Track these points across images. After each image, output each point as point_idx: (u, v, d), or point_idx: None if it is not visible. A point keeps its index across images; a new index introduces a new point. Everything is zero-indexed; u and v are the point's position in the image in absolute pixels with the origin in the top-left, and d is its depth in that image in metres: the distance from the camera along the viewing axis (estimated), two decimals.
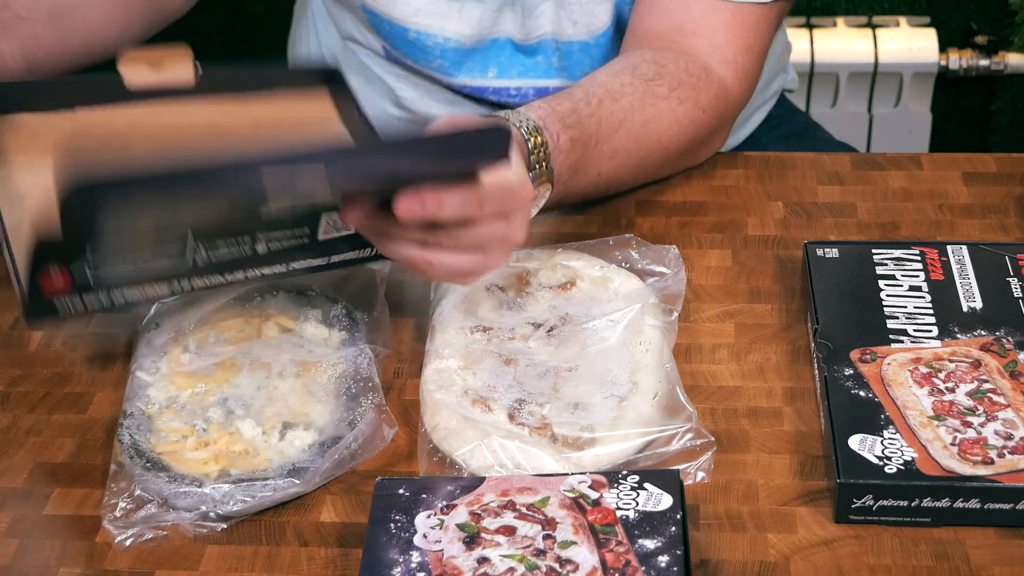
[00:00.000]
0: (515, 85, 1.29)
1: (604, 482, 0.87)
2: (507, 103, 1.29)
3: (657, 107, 1.13)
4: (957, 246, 1.06)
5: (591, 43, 1.27)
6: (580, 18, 1.25)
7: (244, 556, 0.89)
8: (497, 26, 1.27)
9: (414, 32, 1.27)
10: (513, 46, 1.28)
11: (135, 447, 0.93)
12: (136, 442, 0.94)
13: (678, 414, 0.95)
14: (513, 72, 1.29)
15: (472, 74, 1.29)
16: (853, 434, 0.91)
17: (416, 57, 1.29)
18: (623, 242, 1.09)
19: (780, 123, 1.43)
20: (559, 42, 1.27)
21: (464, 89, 1.30)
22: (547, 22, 1.26)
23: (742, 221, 1.16)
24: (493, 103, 1.31)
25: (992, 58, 2.14)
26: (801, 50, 2.11)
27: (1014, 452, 0.89)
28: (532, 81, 1.29)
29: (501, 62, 1.29)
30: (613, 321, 1.00)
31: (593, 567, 0.81)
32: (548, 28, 1.26)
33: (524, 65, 1.29)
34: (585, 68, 1.26)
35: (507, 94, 1.30)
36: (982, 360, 0.96)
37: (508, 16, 1.26)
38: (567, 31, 1.26)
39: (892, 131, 2.18)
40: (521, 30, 1.27)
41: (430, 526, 0.85)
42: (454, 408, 0.95)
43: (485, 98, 1.30)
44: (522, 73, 1.29)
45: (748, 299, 1.08)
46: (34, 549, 0.91)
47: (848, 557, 0.87)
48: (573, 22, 1.26)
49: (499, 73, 1.29)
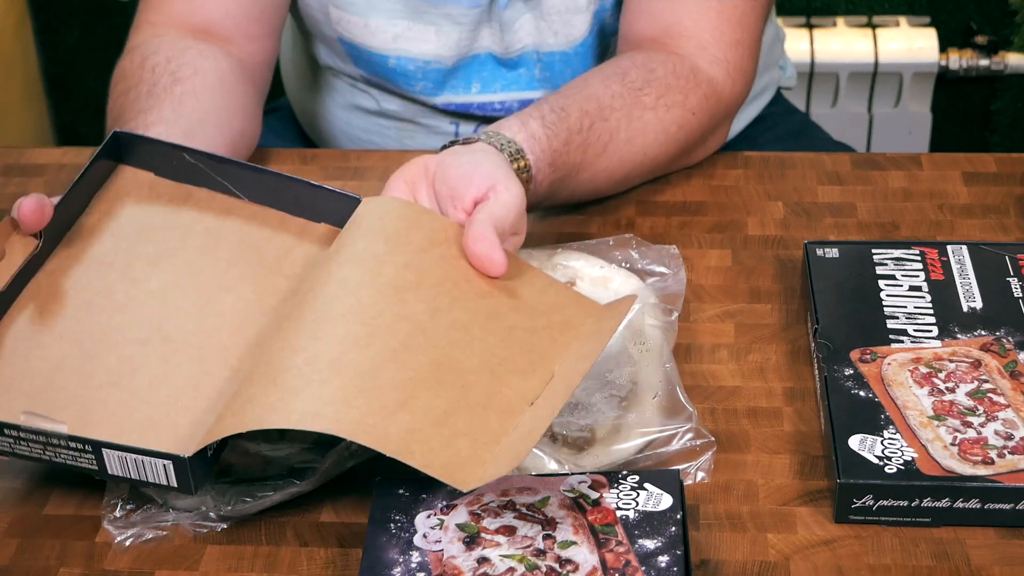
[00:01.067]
0: (499, 99, 1.29)
1: (604, 482, 0.87)
2: (492, 117, 1.29)
3: (643, 119, 1.13)
4: (957, 246, 1.06)
5: (570, 53, 1.27)
6: (560, 28, 1.25)
7: (244, 556, 0.89)
8: (477, 43, 1.26)
9: (394, 59, 1.27)
10: (495, 60, 1.28)
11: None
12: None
13: (678, 414, 0.95)
14: (496, 86, 1.29)
15: (456, 91, 1.29)
16: (853, 434, 0.91)
17: (398, 83, 1.29)
18: (623, 242, 1.09)
19: (777, 122, 1.43)
20: (540, 53, 1.27)
21: (448, 107, 1.30)
22: (526, 35, 1.26)
23: (742, 221, 1.16)
24: (478, 118, 1.31)
25: (992, 58, 2.14)
26: (801, 50, 2.11)
27: (1014, 452, 0.89)
28: (516, 94, 1.29)
29: (484, 77, 1.29)
30: None
31: (593, 567, 0.81)
32: (528, 40, 1.26)
33: (506, 79, 1.29)
34: (567, 78, 1.25)
35: (491, 108, 1.30)
36: (982, 360, 0.96)
37: (486, 32, 1.26)
38: (548, 41, 1.26)
39: (892, 131, 2.18)
40: (501, 44, 1.26)
41: (430, 526, 0.85)
42: None
43: (470, 113, 1.30)
44: (505, 87, 1.29)
45: (748, 299, 1.08)
46: (34, 549, 0.91)
47: (848, 557, 0.87)
48: (553, 33, 1.26)
49: (482, 88, 1.29)
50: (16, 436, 0.87)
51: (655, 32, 1.19)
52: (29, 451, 0.87)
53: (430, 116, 1.33)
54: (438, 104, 1.30)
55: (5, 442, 0.87)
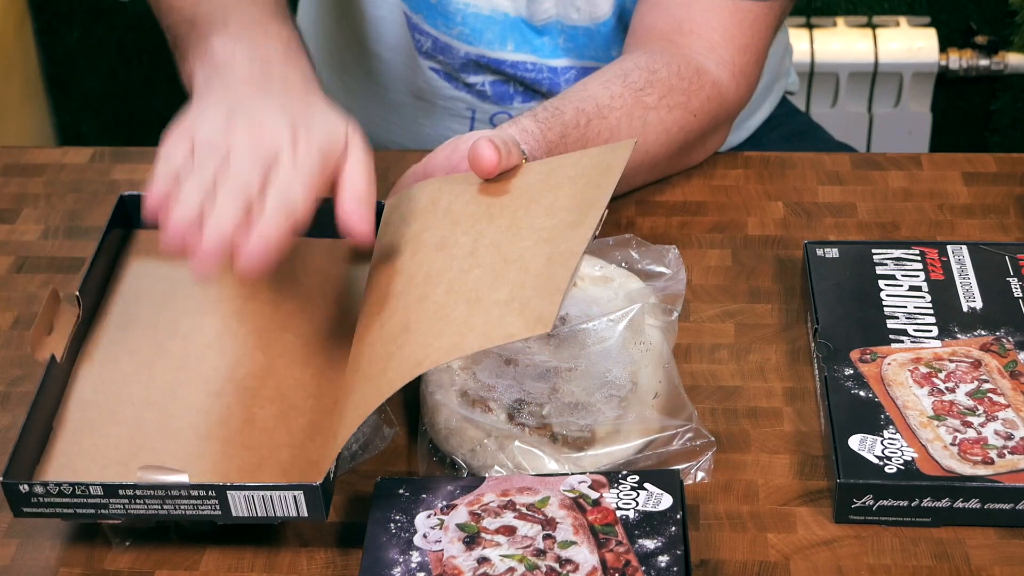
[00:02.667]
0: (531, 60, 1.30)
1: (604, 482, 0.87)
2: (523, 77, 1.31)
3: (645, 119, 1.14)
4: (957, 246, 1.06)
5: (593, 30, 1.28)
6: (583, 5, 1.26)
7: (244, 556, 0.89)
8: (507, 2, 1.28)
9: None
10: (524, 24, 1.29)
11: None
12: None
13: (678, 414, 0.95)
14: (527, 48, 1.30)
15: (492, 46, 1.29)
16: (853, 434, 0.91)
17: (436, 23, 1.29)
18: (623, 242, 1.08)
19: (781, 123, 1.43)
20: (564, 25, 1.28)
21: (482, 60, 1.30)
22: (551, 5, 1.27)
23: (742, 221, 1.16)
24: (510, 77, 1.31)
25: (992, 58, 2.14)
26: (801, 50, 2.11)
27: (1014, 452, 0.89)
28: (543, 60, 1.30)
29: (516, 38, 1.29)
30: (613, 321, 1.00)
31: (593, 567, 0.81)
32: (553, 11, 1.28)
33: (534, 44, 1.30)
34: (590, 52, 1.28)
35: (524, 68, 1.30)
36: (982, 360, 0.96)
37: None
38: (571, 15, 1.28)
39: (892, 131, 2.18)
40: (527, 10, 1.28)
41: (430, 526, 0.85)
42: (454, 408, 0.95)
43: (503, 71, 1.31)
44: (534, 51, 1.30)
45: (748, 299, 1.08)
46: (34, 549, 0.91)
47: (848, 557, 0.87)
48: (576, 8, 1.27)
49: (516, 47, 1.30)
50: (132, 496, 0.85)
51: (666, 27, 1.19)
52: (146, 508, 0.85)
53: (450, 94, 1.33)
54: (472, 55, 1.30)
55: (118, 505, 0.85)
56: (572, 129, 1.08)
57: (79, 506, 0.85)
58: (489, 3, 1.28)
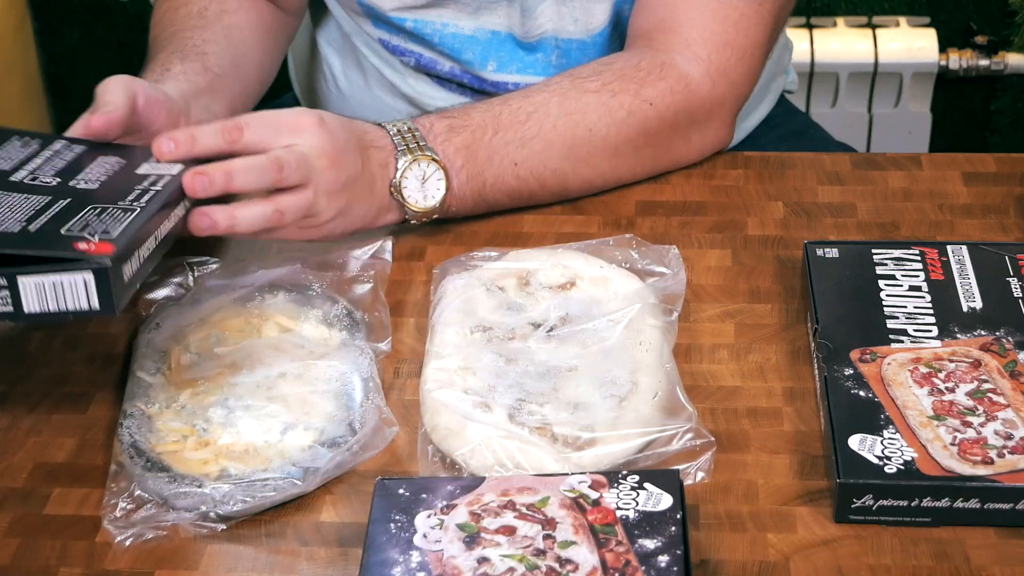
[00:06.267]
0: (514, 80, 1.29)
1: (604, 482, 0.87)
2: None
3: (583, 99, 1.15)
4: (957, 246, 1.06)
5: (588, 42, 1.27)
6: (580, 16, 1.26)
7: (244, 556, 0.89)
8: (495, 19, 1.27)
9: (411, 22, 1.27)
10: (514, 41, 1.28)
11: (135, 447, 0.93)
12: (136, 442, 0.94)
13: (678, 414, 0.95)
14: (512, 67, 1.29)
15: (471, 65, 1.29)
16: (853, 434, 0.91)
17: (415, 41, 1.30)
18: (623, 242, 1.09)
19: (780, 123, 1.43)
20: (559, 40, 1.27)
21: (463, 78, 1.30)
22: (547, 20, 1.26)
23: (742, 221, 1.16)
24: (491, 95, 1.31)
25: (992, 58, 2.14)
26: (801, 50, 2.11)
27: (1014, 452, 0.89)
28: (531, 77, 1.29)
29: (501, 57, 1.29)
30: (613, 321, 1.01)
31: (593, 567, 0.81)
32: (549, 26, 1.27)
33: (523, 61, 1.29)
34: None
35: (505, 88, 1.30)
36: (982, 360, 0.96)
37: (504, 12, 1.26)
38: (567, 28, 1.27)
39: (892, 131, 2.18)
40: (521, 28, 1.27)
41: (430, 526, 0.85)
42: (454, 408, 0.95)
43: (483, 90, 1.31)
44: (521, 69, 1.29)
45: (748, 299, 1.08)
46: (34, 549, 0.91)
47: (848, 557, 0.87)
48: (573, 20, 1.26)
49: (498, 67, 1.29)
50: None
51: (650, 27, 1.20)
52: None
53: (437, 91, 1.33)
54: (443, 72, 1.31)
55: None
56: (482, 104, 1.14)
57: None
58: (474, 23, 1.27)
